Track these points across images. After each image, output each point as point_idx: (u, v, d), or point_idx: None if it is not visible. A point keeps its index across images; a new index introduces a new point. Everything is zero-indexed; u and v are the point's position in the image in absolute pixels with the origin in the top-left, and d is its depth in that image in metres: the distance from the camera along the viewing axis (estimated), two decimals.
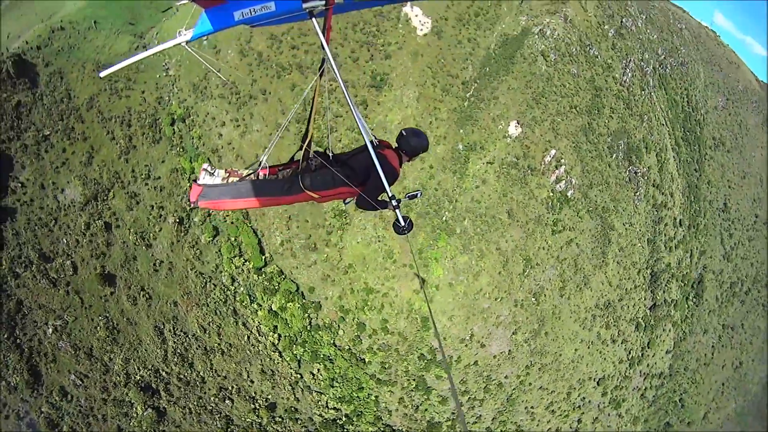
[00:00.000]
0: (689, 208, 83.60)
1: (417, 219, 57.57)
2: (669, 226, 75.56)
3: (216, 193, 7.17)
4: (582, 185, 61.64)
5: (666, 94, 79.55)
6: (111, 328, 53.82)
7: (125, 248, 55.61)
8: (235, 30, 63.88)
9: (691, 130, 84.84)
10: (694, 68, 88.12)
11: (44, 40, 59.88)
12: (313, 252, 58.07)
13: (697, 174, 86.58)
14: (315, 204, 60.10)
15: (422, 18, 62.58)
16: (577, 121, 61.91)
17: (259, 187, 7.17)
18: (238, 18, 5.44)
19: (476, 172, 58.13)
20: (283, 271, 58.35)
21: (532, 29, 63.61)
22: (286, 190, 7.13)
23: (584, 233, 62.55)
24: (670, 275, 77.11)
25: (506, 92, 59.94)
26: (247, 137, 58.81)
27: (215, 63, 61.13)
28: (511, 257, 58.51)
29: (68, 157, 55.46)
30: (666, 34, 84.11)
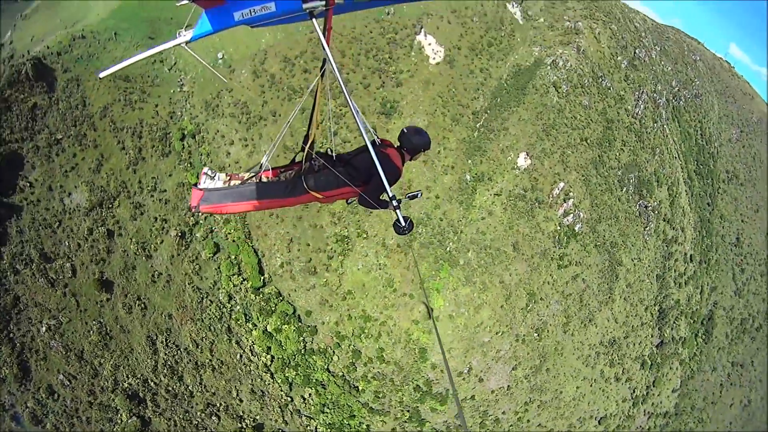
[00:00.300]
0: (701, 243, 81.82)
1: (420, 249, 56.68)
2: (679, 261, 73.85)
3: (218, 197, 7.03)
4: (590, 219, 60.38)
5: (679, 127, 78.27)
6: (104, 334, 53.32)
7: (125, 257, 55.38)
8: (249, 51, 63.89)
9: (704, 163, 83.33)
10: (708, 100, 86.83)
11: (65, 47, 60.53)
12: (312, 276, 57.28)
13: (710, 208, 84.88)
14: (317, 228, 59.64)
15: (435, 47, 62.20)
16: (587, 154, 60.84)
17: (261, 190, 7.03)
18: (238, 18, 5.33)
19: (483, 203, 57.17)
20: (281, 293, 57.63)
21: (545, 60, 62.94)
22: (289, 192, 7.02)
23: (591, 268, 61.16)
24: (679, 312, 75.22)
25: (516, 123, 59.13)
26: (255, 157, 58.40)
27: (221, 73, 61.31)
28: (515, 291, 57.22)
29: (78, 162, 55.77)
30: (680, 66, 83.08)
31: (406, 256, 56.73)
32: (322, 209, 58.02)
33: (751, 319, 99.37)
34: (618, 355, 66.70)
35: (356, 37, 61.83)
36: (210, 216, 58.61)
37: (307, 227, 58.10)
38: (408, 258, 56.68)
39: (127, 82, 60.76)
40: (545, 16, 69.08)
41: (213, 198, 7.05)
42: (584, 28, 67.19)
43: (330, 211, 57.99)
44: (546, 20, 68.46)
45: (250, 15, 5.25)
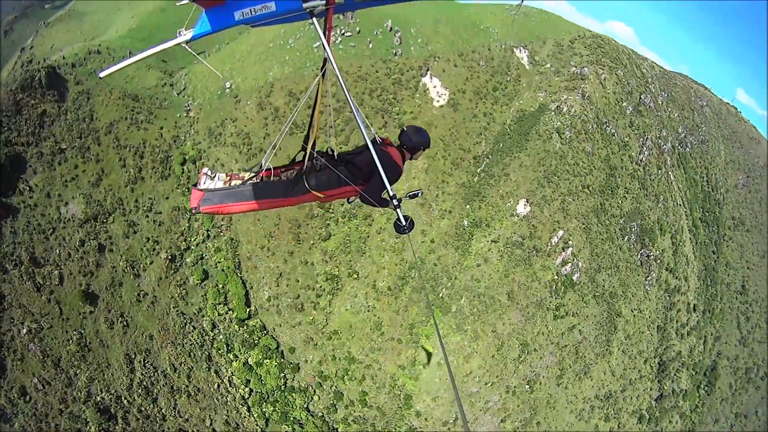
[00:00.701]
0: (705, 292, 75.43)
1: (412, 293, 52.10)
2: (682, 312, 67.69)
3: (218, 198, 6.38)
4: (589, 269, 55.13)
5: (685, 174, 72.74)
6: (83, 345, 50.00)
7: (113, 273, 52.49)
8: (257, 83, 60.94)
9: (710, 210, 77.36)
10: (714, 146, 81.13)
11: (80, 60, 58.98)
12: (299, 312, 53.16)
13: (715, 256, 78.55)
14: (308, 265, 55.59)
15: (440, 89, 58.40)
16: (588, 202, 55.88)
17: (262, 190, 6.40)
18: (238, 18, 4.85)
19: (479, 249, 52.46)
20: (266, 327, 53.72)
21: (550, 105, 58.53)
22: (290, 191, 6.40)
23: (588, 319, 55.67)
24: (680, 364, 68.74)
25: (518, 169, 54.59)
26: None
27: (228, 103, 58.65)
28: (507, 341, 52.01)
29: (78, 174, 53.78)
30: (687, 112, 77.79)
31: (396, 300, 52.15)
32: (314, 246, 54.12)
33: (756, 368, 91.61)
34: (614, 409, 60.48)
35: (362, 76, 58.49)
36: (202, 242, 55.51)
37: (298, 263, 54.16)
38: (398, 302, 52.15)
39: (135, 102, 58.46)
40: (552, 61, 64.89)
41: (214, 199, 6.46)
42: (590, 73, 62.77)
43: (322, 249, 54.02)
44: (553, 66, 64.25)
45: (250, 14, 4.75)
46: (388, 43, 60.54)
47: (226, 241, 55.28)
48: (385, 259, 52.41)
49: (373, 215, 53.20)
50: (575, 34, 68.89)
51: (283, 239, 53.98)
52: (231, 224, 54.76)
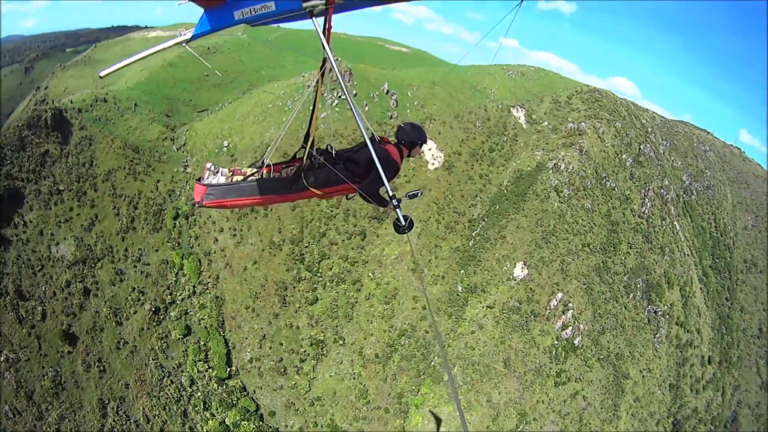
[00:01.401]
0: (720, 342, 65.53)
1: (401, 361, 45.80)
2: (696, 366, 58.31)
3: (221, 192, 5.86)
4: (592, 331, 47.50)
5: (692, 222, 64.16)
6: (58, 383, 45.55)
7: (96, 317, 48.29)
8: (253, 143, 57.38)
9: (720, 256, 67.99)
10: (720, 190, 72.03)
11: (87, 106, 56.38)
12: (281, 376, 47.44)
13: (729, 303, 68.63)
14: (293, 328, 49.87)
15: (435, 152, 53.06)
16: (589, 261, 48.67)
17: (264, 186, 5.89)
18: (238, 18, 4.38)
19: (474, 316, 45.79)
20: (246, 388, 47.92)
21: (547, 164, 52.13)
22: (290, 188, 5.85)
23: (593, 384, 47.66)
24: (697, 420, 58.83)
25: (515, 231, 48.13)
26: (241, 248, 50.71)
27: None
28: (503, 411, 44.51)
29: (73, 216, 50.63)
30: (690, 159, 69.45)
31: (384, 368, 45.88)
32: (301, 310, 48.87)
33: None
34: None
35: (356, 139, 54.10)
36: (188, 298, 51.06)
37: (283, 326, 48.79)
38: (386, 370, 45.85)
39: (135, 153, 55.22)
40: (549, 119, 58.71)
41: (217, 193, 5.83)
42: (588, 128, 56.22)
43: (308, 312, 48.55)
44: (550, 123, 58.05)
45: (250, 14, 4.31)
46: (385, 105, 56.06)
47: (211, 298, 50.63)
48: (373, 325, 46.49)
49: (362, 280, 47.74)
50: (572, 90, 62.64)
51: (269, 301, 48.99)
52: (217, 282, 50.32)
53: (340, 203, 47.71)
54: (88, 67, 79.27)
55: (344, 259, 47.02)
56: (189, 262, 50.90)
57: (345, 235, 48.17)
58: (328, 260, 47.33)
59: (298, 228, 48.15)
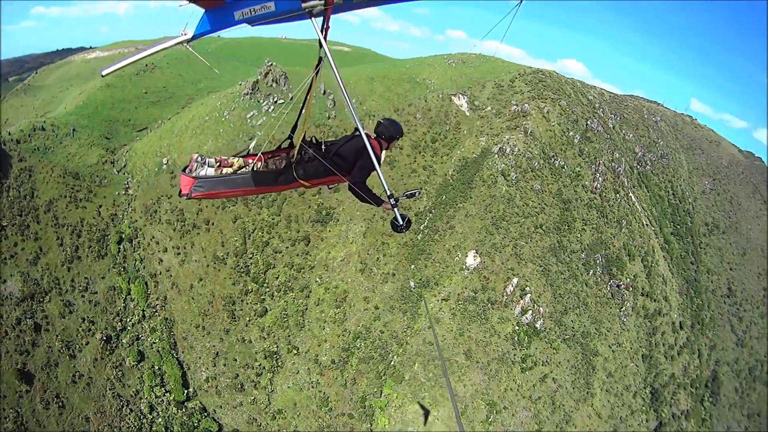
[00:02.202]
0: (690, 306, 60.69)
1: (359, 365, 40.97)
2: (667, 333, 53.44)
3: (211, 184, 5.57)
4: (554, 312, 42.67)
5: (648, 192, 59.37)
6: (20, 424, 41.08)
7: (49, 352, 43.89)
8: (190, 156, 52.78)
9: (681, 222, 63.17)
10: (675, 158, 67.32)
11: (25, 136, 51.47)
12: (239, 392, 42.86)
13: (695, 266, 63.83)
14: (245, 342, 44.69)
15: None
16: (543, 242, 43.89)
17: (253, 178, 5.65)
18: (238, 18, 4.16)
19: (430, 310, 41.15)
20: (206, 409, 43.71)
21: (492, 149, 47.60)
22: (280, 181, 5.65)
23: (561, 365, 42.82)
24: (675, 386, 53.97)
25: (463, 220, 43.46)
26: (186, 266, 46.13)
27: (164, 179, 50.49)
28: (471, 403, 39.77)
29: (18, 251, 45.82)
30: (642, 131, 64.83)
31: (342, 373, 41.06)
32: (251, 323, 44.09)
33: (759, 365, 74.37)
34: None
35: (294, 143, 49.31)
36: (138, 323, 46.28)
37: (235, 341, 44.13)
38: (345, 375, 40.93)
39: (75, 180, 50.32)
40: (493, 103, 54.12)
41: (206, 185, 5.53)
42: (531, 109, 51.60)
43: (259, 325, 43.91)
44: (493, 108, 53.46)
45: (249, 14, 4.07)
46: (322, 106, 51.44)
47: (160, 321, 46.20)
48: (326, 331, 41.81)
49: (310, 286, 42.82)
50: (515, 73, 58.02)
51: (218, 317, 44.41)
52: (166, 304, 45.67)
53: (281, 211, 42.79)
54: (29, 95, 74.01)
55: (290, 267, 42.52)
56: (136, 286, 46.50)
57: (288, 242, 43.56)
58: (273, 269, 42.88)
59: (241, 239, 43.62)
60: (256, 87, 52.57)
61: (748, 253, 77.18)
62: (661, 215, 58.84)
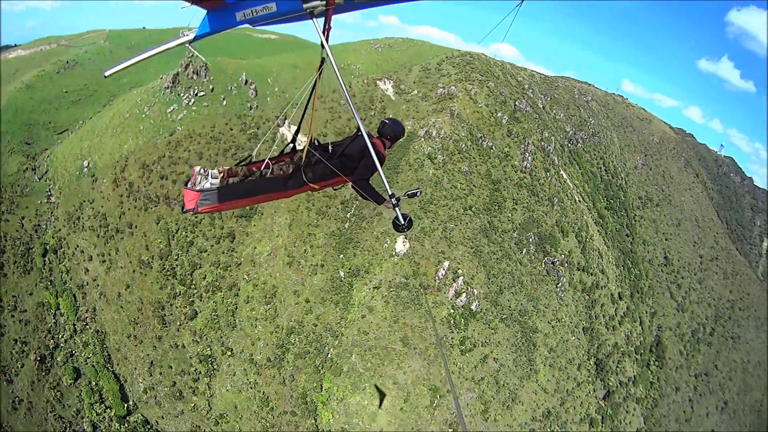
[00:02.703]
0: (628, 276, 62.76)
1: (296, 360, 39.24)
2: (607, 305, 54.79)
3: (217, 197, 5.38)
4: (489, 293, 42.50)
5: (580, 169, 60.96)
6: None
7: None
8: (112, 158, 48.68)
9: (614, 197, 65.35)
10: (606, 135, 69.73)
11: None
12: (179, 401, 40.29)
13: (630, 239, 66.16)
14: (178, 348, 42.21)
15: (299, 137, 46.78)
16: (474, 223, 43.70)
17: (261, 185, 5.57)
18: (240, 19, 4.13)
19: (362, 299, 39.94)
20: (149, 421, 41.19)
21: (418, 132, 47.08)
22: (289, 186, 5.55)
23: (501, 345, 42.68)
24: (620, 354, 55.43)
25: None
26: (112, 274, 43.06)
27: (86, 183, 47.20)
28: (413, 390, 38.86)
29: None
30: (572, 110, 66.65)
31: (279, 371, 39.21)
32: (182, 327, 41.51)
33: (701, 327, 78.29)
34: (558, 424, 46.82)
35: (215, 136, 46.97)
36: (70, 338, 42.96)
37: (168, 348, 41.46)
38: (283, 372, 39.13)
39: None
40: (419, 87, 53.80)
41: (213, 198, 5.33)
42: (458, 91, 51.61)
43: (190, 328, 41.39)
44: (420, 91, 53.12)
45: (251, 15, 4.04)
46: (244, 97, 49.37)
47: (92, 334, 42.99)
48: (259, 329, 39.86)
49: (238, 284, 40.69)
50: (443, 56, 58.02)
51: (149, 324, 41.69)
52: (95, 315, 42.37)
53: None
54: None
55: (216, 266, 40.26)
56: (64, 300, 43.28)
57: (213, 240, 41.28)
58: (200, 269, 40.57)
59: (165, 241, 40.69)
60: (176, 80, 49.84)
61: (682, 223, 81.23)
62: (594, 191, 60.55)
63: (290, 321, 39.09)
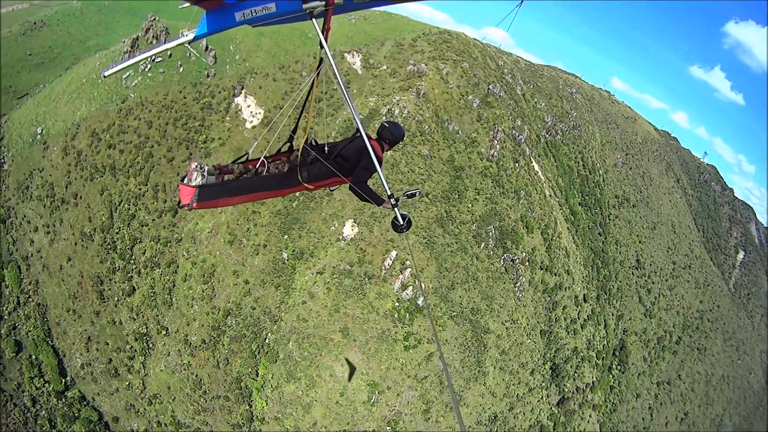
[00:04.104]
0: (597, 277, 61.48)
1: (231, 344, 36.83)
2: (569, 307, 53.37)
3: (213, 193, 5.45)
4: (439, 288, 40.33)
5: (556, 161, 58.81)
6: None
7: None
8: (65, 125, 45.68)
9: (590, 193, 63.56)
10: (588, 130, 67.60)
11: None
12: (114, 378, 38.64)
13: (602, 237, 64.74)
14: (116, 325, 40.00)
15: (254, 108, 43.70)
16: (429, 212, 41.27)
17: (257, 183, 5.58)
18: (239, 19, 4.14)
19: (304, 284, 37.43)
20: (86, 397, 39.88)
21: (380, 110, 44.06)
22: (284, 184, 5.61)
23: (449, 343, 40.73)
24: (579, 360, 54.34)
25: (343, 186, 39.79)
26: (55, 246, 40.58)
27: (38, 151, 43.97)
28: (351, 383, 36.86)
29: None
30: (555, 101, 64.14)
31: (213, 354, 36.85)
32: (120, 303, 38.84)
33: (667, 335, 78.22)
34: (504, 429, 45.56)
35: (167, 104, 43.52)
36: (14, 311, 40.33)
37: (105, 324, 39.19)
38: (217, 355, 36.82)
39: None
40: (389, 62, 50.52)
41: (208, 194, 5.38)
42: (429, 70, 48.51)
43: (128, 305, 38.76)
44: (389, 67, 49.87)
45: (251, 15, 4.06)
46: (202, 64, 45.69)
47: (33, 307, 40.28)
48: (195, 309, 37.44)
49: (177, 261, 37.81)
50: (419, 32, 54.63)
51: (88, 299, 39.59)
52: (38, 288, 39.68)
53: (148, 180, 37.31)
54: None
55: (156, 241, 37.74)
56: (9, 271, 41.43)
57: (155, 214, 38.49)
58: (140, 244, 37.59)
59: (107, 213, 37.63)
60: (135, 44, 46.00)
61: (657, 227, 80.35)
62: (568, 186, 58.59)
63: (227, 303, 36.58)
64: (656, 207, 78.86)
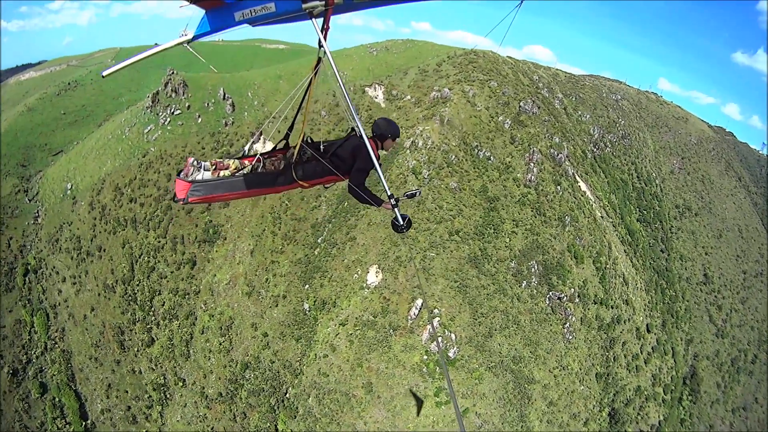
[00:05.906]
0: (661, 300, 47.55)
1: (249, 397, 30.89)
2: (630, 342, 40.86)
3: (209, 188, 4.73)
4: (475, 336, 31.09)
5: (607, 177, 46.15)
6: None
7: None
8: (92, 180, 43.40)
9: (647, 207, 49.64)
10: (639, 137, 53.34)
11: None
12: (132, 425, 34.68)
13: (665, 254, 50.36)
14: (135, 374, 35.68)
15: None
16: (461, 251, 32.20)
17: (251, 180, 4.84)
18: (238, 19, 3.61)
19: (326, 336, 30.48)
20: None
21: (404, 143, 35.90)
22: (279, 182, 4.83)
23: (486, 398, 31.33)
24: (643, 399, 41.50)
25: (365, 230, 32.30)
26: (80, 296, 37.97)
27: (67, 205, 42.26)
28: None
29: None
30: (600, 111, 51.11)
31: (230, 407, 31.15)
32: (140, 353, 34.83)
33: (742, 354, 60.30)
34: None
35: (185, 156, 39.39)
36: (41, 355, 38.55)
37: (126, 372, 35.39)
38: (234, 408, 31.07)
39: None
40: (413, 91, 42.11)
41: (203, 189, 4.69)
42: (453, 94, 39.33)
43: (147, 355, 34.57)
44: (413, 96, 41.47)
45: (250, 15, 3.53)
46: (220, 113, 41.13)
47: (59, 352, 38.22)
48: (212, 362, 32.13)
49: (195, 313, 32.77)
50: (444, 56, 45.54)
51: (109, 348, 36.30)
52: (64, 335, 37.26)
53: (167, 232, 32.76)
54: None
55: (174, 293, 33.01)
56: (38, 318, 39.29)
57: (174, 266, 34.04)
58: (159, 296, 33.42)
59: (128, 266, 33.85)
60: (156, 99, 42.82)
61: (723, 234, 62.50)
62: (623, 202, 45.64)
63: (245, 355, 30.87)
64: (720, 212, 61.30)
